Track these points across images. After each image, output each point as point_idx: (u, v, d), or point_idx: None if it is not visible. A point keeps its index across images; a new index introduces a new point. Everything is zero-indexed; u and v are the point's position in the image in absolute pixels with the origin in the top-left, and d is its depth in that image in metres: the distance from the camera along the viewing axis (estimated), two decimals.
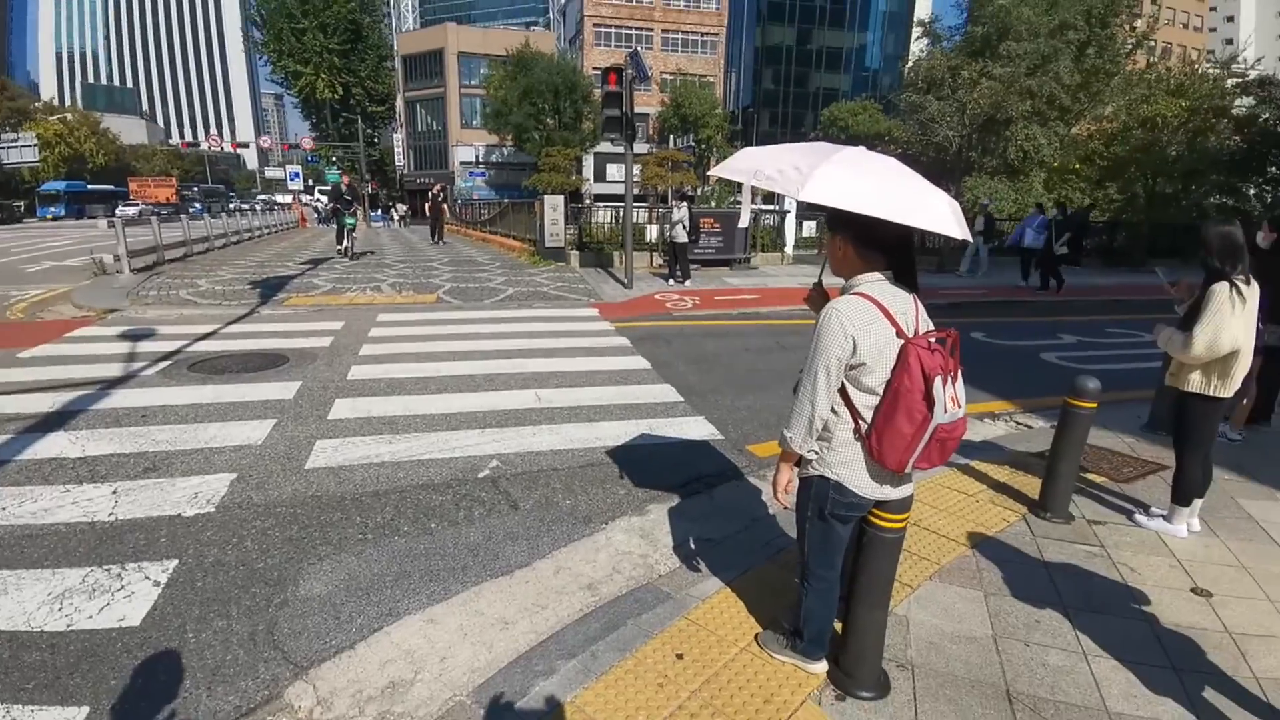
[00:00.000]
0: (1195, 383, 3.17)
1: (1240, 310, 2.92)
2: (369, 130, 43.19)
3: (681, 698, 2.25)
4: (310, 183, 52.68)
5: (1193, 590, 2.95)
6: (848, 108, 50.07)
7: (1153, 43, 22.26)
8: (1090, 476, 4.18)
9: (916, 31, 24.18)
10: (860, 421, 1.94)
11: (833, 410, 1.97)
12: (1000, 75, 18.26)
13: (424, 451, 4.41)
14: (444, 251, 19.72)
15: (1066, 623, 2.68)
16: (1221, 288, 2.96)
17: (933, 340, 1.87)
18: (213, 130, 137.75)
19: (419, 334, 7.96)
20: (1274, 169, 20.07)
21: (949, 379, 1.82)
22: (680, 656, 2.46)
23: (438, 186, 25.56)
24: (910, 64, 22.84)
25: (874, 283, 1.91)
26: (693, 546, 3.36)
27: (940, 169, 22.53)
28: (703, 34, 51.11)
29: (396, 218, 40.84)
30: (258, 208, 28.72)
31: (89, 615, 2.66)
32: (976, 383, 6.55)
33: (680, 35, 50.76)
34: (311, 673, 2.41)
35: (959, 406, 1.85)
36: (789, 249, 16.36)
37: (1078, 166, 23.82)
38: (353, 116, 40.91)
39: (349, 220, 17.04)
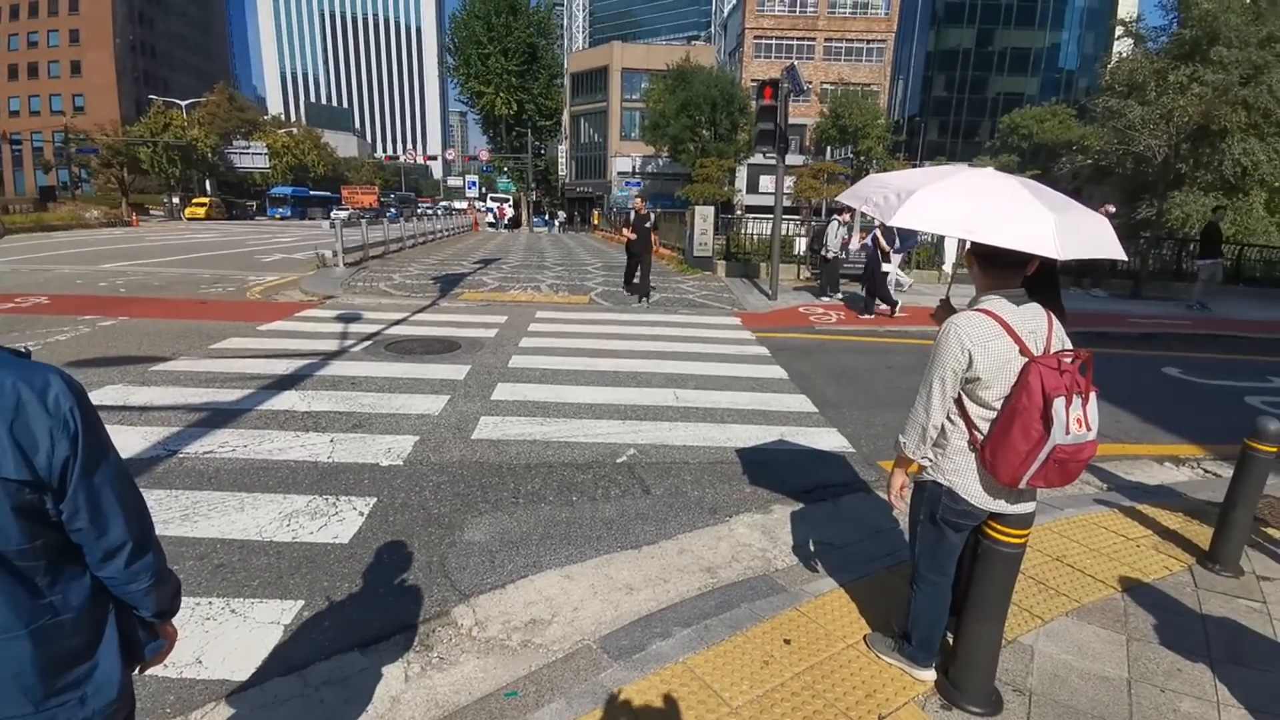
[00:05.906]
0: None
1: None
2: (537, 143, 46.59)
3: (784, 677, 2.42)
4: (483, 190, 57.74)
5: None
6: (1033, 114, 45.55)
7: None
8: (1275, 532, 3.72)
9: (1118, 30, 21.41)
10: (975, 433, 2.00)
11: (949, 419, 2.05)
12: (1212, 81, 15.71)
13: (570, 435, 4.90)
14: (597, 256, 20.78)
15: (1209, 673, 2.52)
16: None
17: (1065, 360, 1.88)
18: (409, 145, 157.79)
19: (571, 331, 8.66)
20: None
21: (1075, 399, 1.82)
22: (788, 642, 2.62)
23: (639, 202, 12.83)
24: (1110, 65, 20.21)
25: (1000, 299, 1.96)
26: (812, 548, 3.47)
27: (1140, 182, 19.80)
28: (869, 40, 49.18)
29: (556, 224, 44.47)
30: (439, 213, 32.32)
31: (310, 531, 3.37)
32: (1164, 422, 5.90)
33: (844, 43, 49.23)
34: (472, 600, 2.90)
35: (1085, 429, 1.84)
36: (947, 267, 15.36)
37: None
38: (524, 130, 44.52)
39: None
